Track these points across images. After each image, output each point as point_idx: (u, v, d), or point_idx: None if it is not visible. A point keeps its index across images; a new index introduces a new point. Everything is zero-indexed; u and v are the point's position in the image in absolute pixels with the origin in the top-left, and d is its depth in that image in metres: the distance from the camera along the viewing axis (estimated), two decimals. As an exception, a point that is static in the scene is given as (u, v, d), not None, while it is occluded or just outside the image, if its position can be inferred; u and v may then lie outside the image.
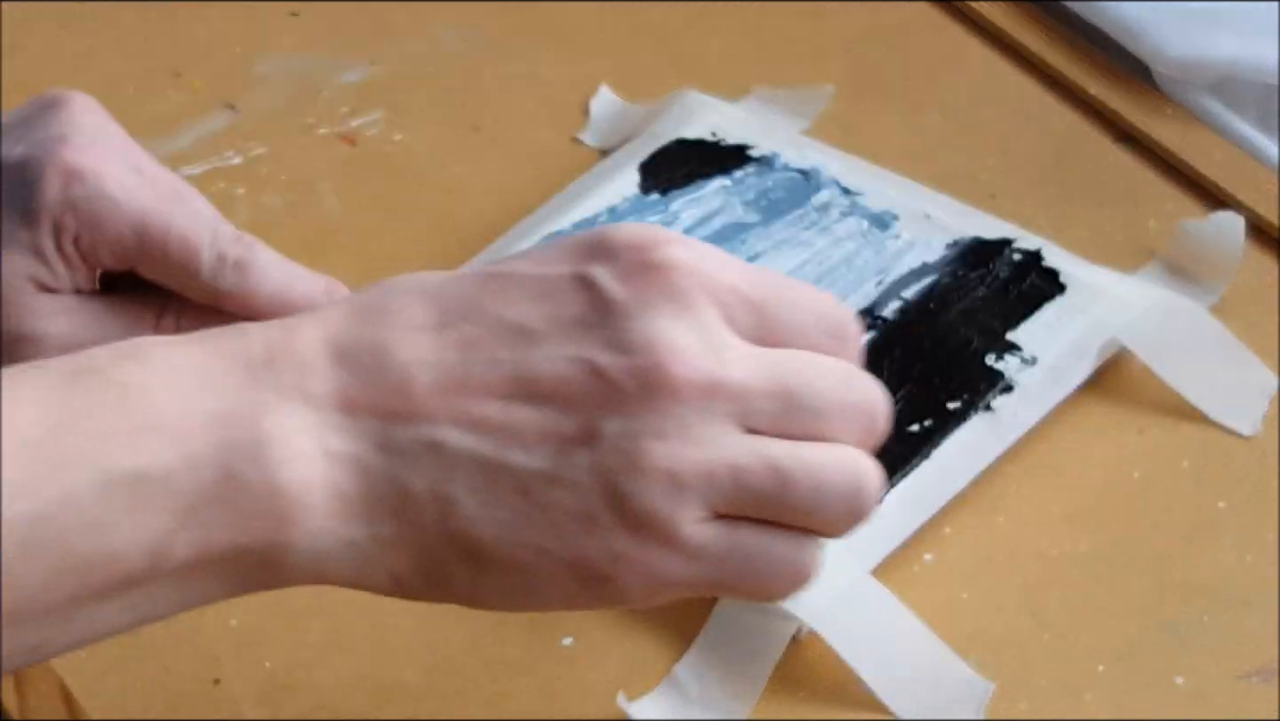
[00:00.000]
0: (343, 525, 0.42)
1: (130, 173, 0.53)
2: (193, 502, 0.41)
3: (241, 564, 0.42)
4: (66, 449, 0.40)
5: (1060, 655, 0.57)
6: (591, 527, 0.42)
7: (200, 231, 0.54)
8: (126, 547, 0.40)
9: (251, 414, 0.41)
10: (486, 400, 0.42)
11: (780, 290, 0.44)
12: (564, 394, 0.42)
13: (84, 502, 0.40)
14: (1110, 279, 0.67)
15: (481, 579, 0.43)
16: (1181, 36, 0.78)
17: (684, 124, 0.74)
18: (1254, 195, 0.73)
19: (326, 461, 0.42)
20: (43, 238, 0.52)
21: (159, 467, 0.40)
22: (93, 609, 0.41)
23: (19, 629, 0.40)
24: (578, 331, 0.42)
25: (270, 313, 0.56)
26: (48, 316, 0.53)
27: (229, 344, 0.43)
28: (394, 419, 0.42)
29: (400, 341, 0.43)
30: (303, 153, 0.75)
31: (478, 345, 0.42)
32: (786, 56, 0.82)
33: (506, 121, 0.78)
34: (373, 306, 0.44)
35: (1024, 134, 0.77)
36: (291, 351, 0.43)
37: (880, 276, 0.67)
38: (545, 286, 0.43)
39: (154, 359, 0.42)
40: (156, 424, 0.41)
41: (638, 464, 0.41)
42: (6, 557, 0.39)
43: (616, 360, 0.41)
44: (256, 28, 0.82)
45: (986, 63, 0.82)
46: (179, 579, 0.41)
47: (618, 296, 0.42)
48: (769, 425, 0.42)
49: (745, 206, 0.70)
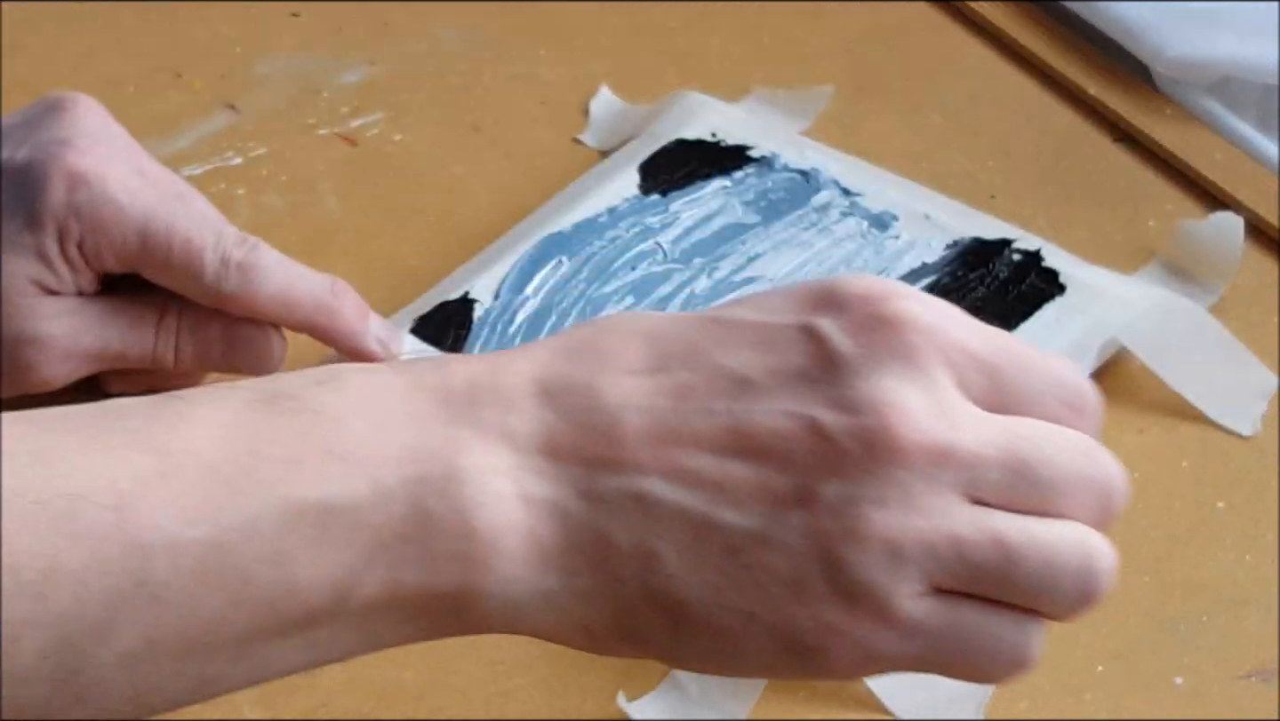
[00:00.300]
0: (538, 574, 0.40)
1: (134, 176, 0.53)
2: (381, 539, 0.39)
3: (429, 607, 0.40)
4: (250, 474, 0.38)
5: (1059, 655, 0.57)
6: (802, 595, 0.39)
7: (204, 234, 0.54)
8: (309, 582, 0.38)
9: (447, 450, 0.39)
10: (699, 452, 0.39)
11: (1015, 354, 0.41)
12: (781, 451, 0.39)
13: (265, 532, 0.38)
14: (1110, 279, 0.67)
15: (681, 639, 0.40)
16: (1181, 37, 0.78)
17: (684, 124, 0.74)
18: (1253, 195, 0.73)
19: (525, 505, 0.40)
20: (46, 241, 0.52)
21: (347, 499, 0.38)
22: (270, 645, 0.39)
23: (190, 660, 0.38)
24: (800, 385, 0.40)
25: (273, 314, 0.56)
26: (50, 318, 0.53)
27: (430, 375, 0.41)
28: (600, 466, 0.40)
29: (612, 384, 0.40)
30: (303, 153, 0.75)
31: (693, 393, 0.40)
32: (786, 57, 0.82)
33: (506, 122, 0.78)
34: (585, 345, 0.42)
35: (1024, 134, 0.78)
36: (495, 387, 0.41)
37: (880, 276, 0.67)
38: (768, 335, 0.41)
39: (350, 386, 0.40)
40: (347, 453, 0.39)
41: (855, 530, 0.39)
42: (181, 584, 0.37)
43: (840, 419, 0.39)
44: (257, 28, 0.82)
45: (986, 63, 0.82)
46: (363, 619, 0.40)
47: (845, 350, 0.40)
48: (997, 497, 0.40)
49: (745, 207, 0.70)
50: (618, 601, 0.40)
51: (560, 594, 0.40)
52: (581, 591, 0.40)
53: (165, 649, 0.38)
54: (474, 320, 0.65)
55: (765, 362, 0.40)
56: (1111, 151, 0.77)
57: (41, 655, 0.36)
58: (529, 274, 0.67)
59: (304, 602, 0.38)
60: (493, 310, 0.65)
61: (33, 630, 0.36)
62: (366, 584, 0.39)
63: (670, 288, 0.67)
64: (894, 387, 0.39)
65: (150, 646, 0.37)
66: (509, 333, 0.65)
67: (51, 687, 0.37)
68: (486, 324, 0.65)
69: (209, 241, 0.53)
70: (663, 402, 0.40)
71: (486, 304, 0.66)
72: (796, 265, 0.68)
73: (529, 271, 0.67)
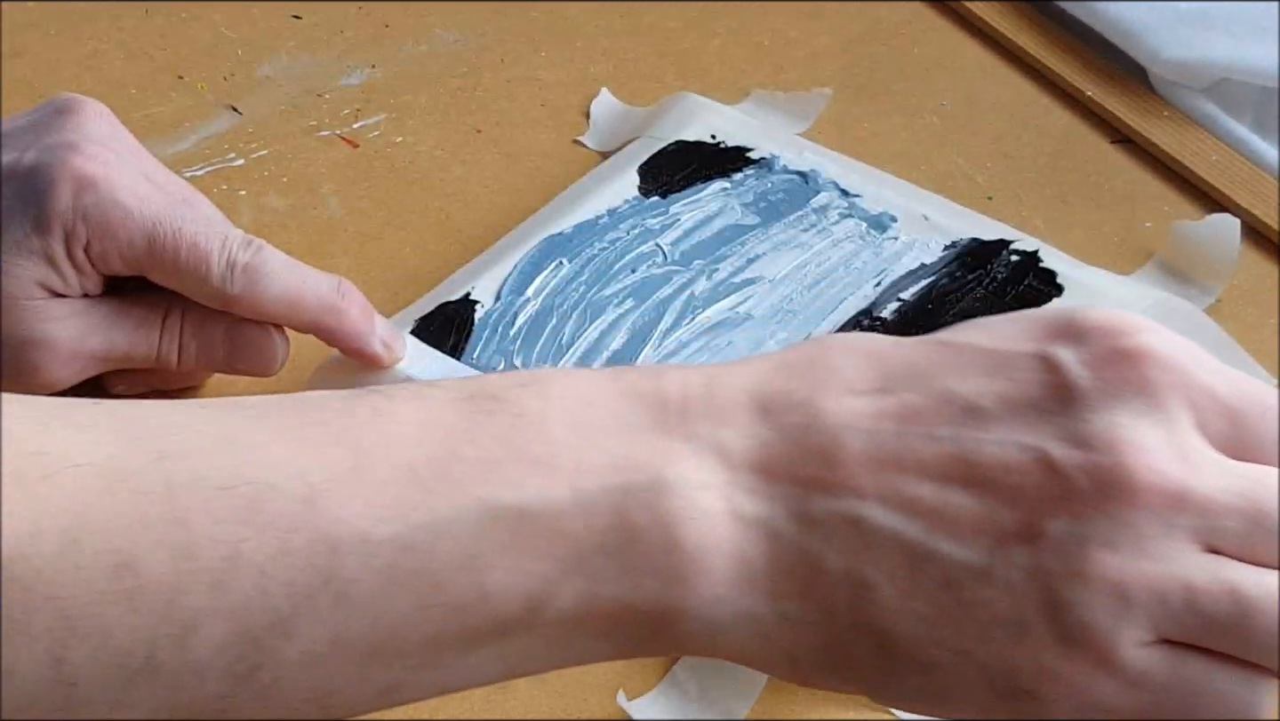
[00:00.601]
0: (744, 596, 0.38)
1: (141, 180, 0.54)
2: (580, 549, 0.37)
3: (627, 624, 0.38)
4: (445, 475, 0.37)
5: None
6: (1021, 636, 0.37)
7: (210, 238, 0.54)
8: (501, 590, 0.37)
9: (656, 461, 0.38)
10: (920, 479, 0.38)
11: (1260, 400, 0.39)
12: (1008, 484, 0.37)
13: (458, 535, 0.36)
14: (1107, 280, 0.68)
15: (890, 674, 0.38)
16: (1178, 39, 0.78)
17: (683, 126, 0.74)
18: (1250, 197, 0.73)
19: (733, 523, 0.38)
20: (54, 245, 0.52)
21: (546, 506, 0.37)
22: (458, 654, 0.38)
23: (375, 664, 0.37)
24: (1032, 416, 0.38)
25: (279, 316, 0.56)
26: (56, 320, 0.54)
27: (642, 382, 0.39)
28: (815, 487, 0.38)
29: (833, 403, 0.39)
30: (305, 154, 0.76)
31: (918, 417, 0.38)
32: (785, 59, 0.82)
33: (507, 124, 0.78)
34: (806, 362, 0.40)
35: (1021, 136, 0.78)
36: (710, 399, 0.39)
37: (879, 278, 0.68)
38: (1001, 362, 0.39)
39: (555, 390, 0.39)
40: (549, 459, 0.37)
41: (1082, 571, 0.37)
42: (368, 583, 0.36)
43: (1073, 454, 0.37)
44: (259, 30, 0.82)
45: (984, 65, 0.82)
46: (557, 633, 0.38)
47: (1083, 382, 0.38)
48: (1234, 547, 0.37)
49: (744, 209, 0.71)
50: (826, 630, 0.38)
51: (766, 618, 0.38)
52: (788, 617, 0.38)
53: (349, 650, 0.36)
54: (475, 321, 0.65)
55: (996, 390, 0.38)
56: (1109, 153, 0.77)
57: (219, 647, 0.35)
58: (530, 275, 0.67)
59: (495, 611, 0.37)
60: (494, 311, 0.66)
61: (210, 620, 0.35)
62: (562, 595, 0.37)
63: (670, 290, 0.67)
64: (1132, 424, 0.37)
65: (334, 646, 0.36)
66: (510, 334, 0.65)
67: (230, 683, 0.36)
68: (488, 325, 0.65)
69: (215, 245, 0.54)
70: (885, 425, 0.38)
71: (488, 305, 0.66)
72: (795, 266, 0.68)
73: (530, 273, 0.67)
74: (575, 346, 0.65)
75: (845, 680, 0.39)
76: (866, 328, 0.66)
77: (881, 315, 0.66)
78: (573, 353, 0.64)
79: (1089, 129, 0.78)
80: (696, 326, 0.66)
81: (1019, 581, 0.37)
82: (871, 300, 0.67)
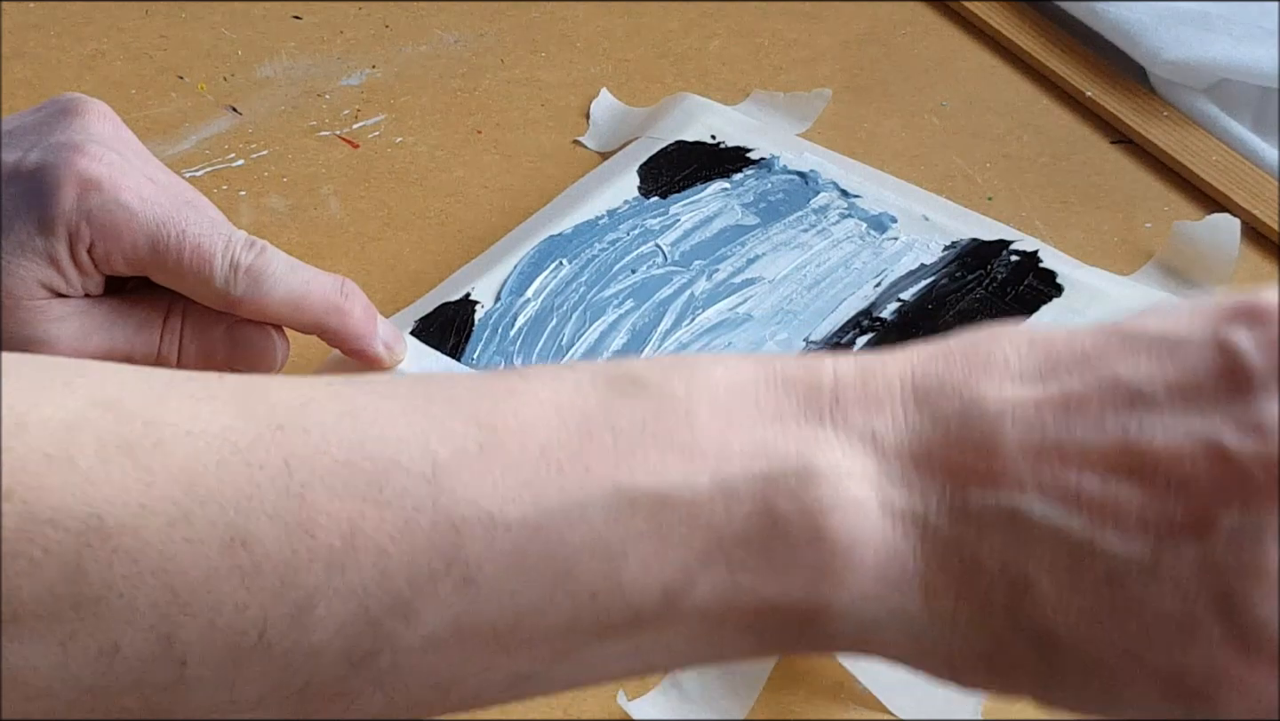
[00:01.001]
0: (894, 592, 0.36)
1: (145, 181, 0.54)
2: (720, 538, 0.35)
3: (770, 619, 0.36)
4: (580, 457, 0.35)
5: None
6: (1191, 635, 0.35)
7: (214, 239, 0.54)
8: (637, 579, 0.35)
9: (802, 448, 0.36)
10: (1084, 470, 0.35)
11: None
12: (1178, 474, 0.35)
13: (592, 520, 0.35)
14: (1107, 280, 0.68)
15: (1053, 675, 0.36)
16: (1178, 40, 0.78)
17: (683, 127, 0.74)
18: (1250, 198, 0.73)
19: (883, 515, 0.36)
20: (57, 245, 0.52)
21: (687, 492, 0.35)
22: (590, 646, 0.36)
23: (501, 653, 0.35)
24: (1204, 403, 0.35)
25: (283, 317, 0.56)
26: (58, 320, 0.54)
27: (793, 368, 0.37)
28: (972, 478, 0.36)
29: (992, 390, 0.36)
30: (305, 155, 0.76)
31: (1083, 405, 0.36)
32: (785, 60, 0.82)
33: (507, 124, 0.78)
34: (965, 347, 0.38)
35: (1021, 136, 0.78)
36: (863, 385, 0.37)
37: (878, 278, 0.68)
38: (1172, 346, 0.36)
39: (702, 374, 0.37)
40: (690, 444, 0.36)
41: (1258, 566, 0.34)
42: (495, 568, 0.34)
43: (1249, 443, 0.35)
44: (259, 31, 0.83)
45: (984, 66, 0.82)
46: (695, 626, 0.36)
47: (1260, 367, 0.35)
48: None
49: (744, 209, 0.71)
50: (984, 630, 0.36)
51: (919, 617, 0.36)
52: (943, 615, 0.36)
53: (474, 638, 0.35)
54: (475, 321, 0.65)
55: (1166, 375, 0.36)
56: (1109, 153, 0.77)
57: (336, 629, 0.34)
58: (530, 276, 0.67)
59: (630, 601, 0.35)
60: (494, 311, 0.66)
61: (328, 600, 0.34)
62: (701, 587, 0.35)
63: (670, 290, 0.67)
64: None
65: (457, 633, 0.35)
66: (510, 335, 0.65)
67: (347, 667, 0.34)
68: (488, 325, 0.65)
69: (219, 246, 0.54)
70: (1047, 413, 0.36)
71: (488, 305, 0.66)
72: (795, 266, 0.68)
73: (530, 273, 0.67)
74: (575, 347, 0.65)
75: (1006, 683, 0.37)
76: (866, 328, 0.66)
77: (881, 315, 0.66)
78: (573, 353, 0.64)
79: (1089, 129, 0.78)
80: (697, 327, 0.66)
81: (1189, 577, 0.35)
82: (871, 300, 0.67)
